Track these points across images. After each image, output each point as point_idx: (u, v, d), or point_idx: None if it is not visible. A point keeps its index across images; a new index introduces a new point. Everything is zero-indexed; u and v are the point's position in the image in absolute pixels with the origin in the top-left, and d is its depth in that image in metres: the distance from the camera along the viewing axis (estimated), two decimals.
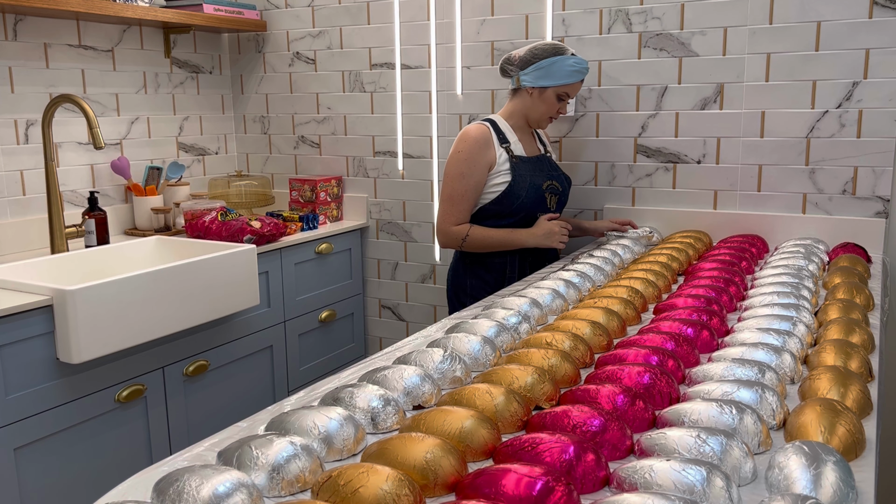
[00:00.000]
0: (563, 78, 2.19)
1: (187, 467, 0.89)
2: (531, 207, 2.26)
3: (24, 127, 2.51)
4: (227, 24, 2.98)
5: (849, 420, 1.00)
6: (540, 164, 2.32)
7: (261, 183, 3.12)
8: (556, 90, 2.22)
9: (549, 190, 2.29)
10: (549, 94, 2.22)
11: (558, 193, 2.32)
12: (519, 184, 2.24)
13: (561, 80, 2.20)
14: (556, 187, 2.31)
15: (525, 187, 2.24)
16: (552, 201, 2.31)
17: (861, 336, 1.37)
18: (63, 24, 2.61)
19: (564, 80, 2.20)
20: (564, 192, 2.36)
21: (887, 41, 2.16)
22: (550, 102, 2.24)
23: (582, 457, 0.92)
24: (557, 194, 2.32)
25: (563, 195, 2.36)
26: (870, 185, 2.25)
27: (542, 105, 2.24)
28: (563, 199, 2.37)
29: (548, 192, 2.29)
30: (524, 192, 2.24)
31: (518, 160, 2.26)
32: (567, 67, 2.19)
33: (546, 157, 2.38)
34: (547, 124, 2.33)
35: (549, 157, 2.39)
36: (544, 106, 2.24)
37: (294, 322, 2.78)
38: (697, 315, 1.52)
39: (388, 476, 0.85)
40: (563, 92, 2.23)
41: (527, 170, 2.27)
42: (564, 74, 2.19)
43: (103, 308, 1.92)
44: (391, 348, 1.51)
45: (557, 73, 2.19)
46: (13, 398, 1.84)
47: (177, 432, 2.29)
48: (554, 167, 2.37)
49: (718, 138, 2.43)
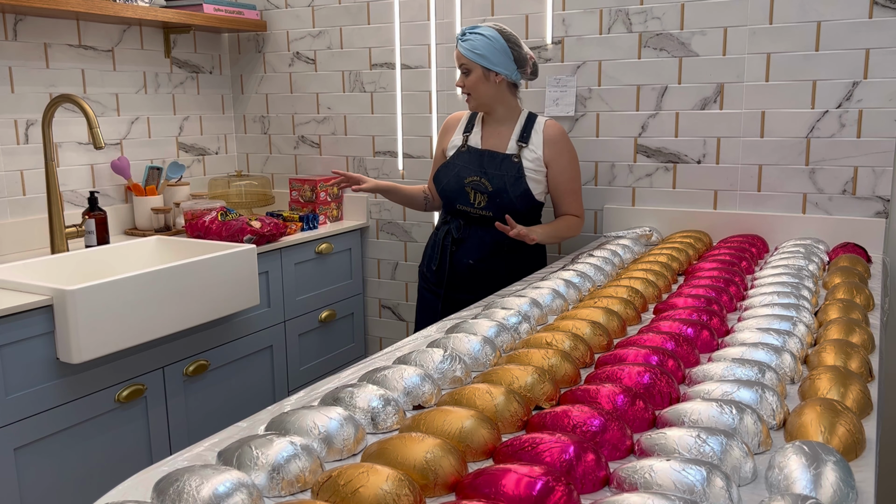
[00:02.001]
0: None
1: (187, 467, 0.89)
2: (450, 197, 2.34)
3: (24, 127, 2.51)
4: (227, 24, 2.98)
5: (849, 420, 1.00)
6: (480, 159, 2.30)
7: (261, 183, 3.11)
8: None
9: (473, 186, 2.29)
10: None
11: (486, 192, 2.27)
12: (444, 171, 2.36)
13: None
14: (484, 185, 2.27)
15: (449, 175, 2.34)
16: (478, 199, 2.29)
17: (861, 336, 1.37)
18: (63, 24, 2.61)
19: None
20: (498, 194, 2.26)
21: (887, 41, 2.16)
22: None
23: (582, 457, 0.92)
24: (485, 193, 2.27)
25: (497, 197, 2.26)
26: (870, 185, 2.25)
27: None
28: (501, 201, 2.27)
29: (470, 187, 2.30)
30: (445, 181, 2.35)
31: (465, 150, 2.35)
32: None
33: (499, 155, 2.29)
34: (467, 103, 2.31)
35: (504, 156, 2.28)
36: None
37: (294, 322, 2.78)
38: (697, 315, 1.52)
39: (388, 476, 0.85)
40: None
41: (462, 160, 2.33)
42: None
43: (103, 308, 1.92)
44: (391, 348, 1.51)
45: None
46: (13, 398, 1.84)
47: (177, 432, 2.29)
48: (500, 167, 2.27)
49: (718, 138, 2.43)
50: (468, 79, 2.25)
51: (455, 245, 2.35)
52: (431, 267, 2.41)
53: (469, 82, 2.25)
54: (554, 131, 2.30)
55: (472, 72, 2.24)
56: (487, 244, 2.31)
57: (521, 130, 2.30)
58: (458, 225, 2.34)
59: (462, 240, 2.33)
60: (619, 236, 2.46)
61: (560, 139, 2.30)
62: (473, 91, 2.27)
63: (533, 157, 2.28)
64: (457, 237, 2.34)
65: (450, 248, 2.35)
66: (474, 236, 2.32)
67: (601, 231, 2.66)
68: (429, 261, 2.43)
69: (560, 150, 2.29)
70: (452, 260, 2.35)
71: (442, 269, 2.38)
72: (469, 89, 2.27)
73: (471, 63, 2.23)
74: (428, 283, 2.45)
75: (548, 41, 2.63)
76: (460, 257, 2.34)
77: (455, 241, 2.35)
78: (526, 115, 2.33)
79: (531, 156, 2.28)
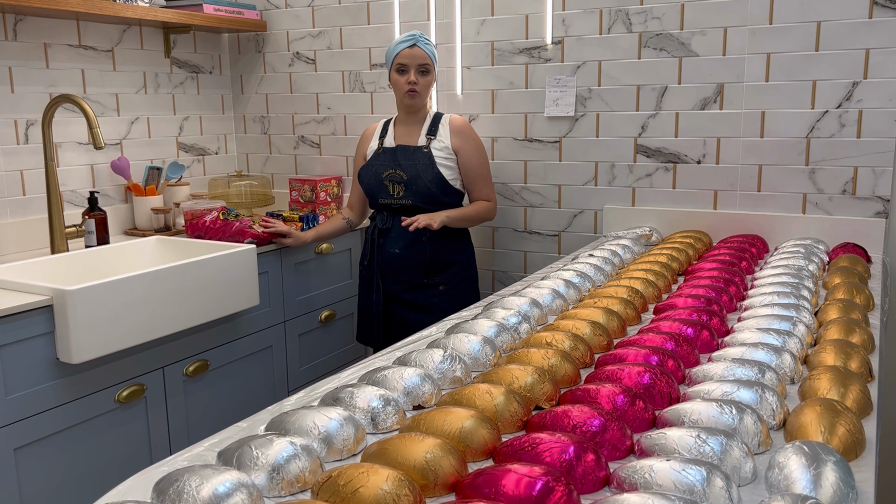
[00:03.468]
0: (391, 56, 2.40)
1: (187, 467, 0.89)
2: (373, 193, 2.49)
3: (24, 127, 2.51)
4: (227, 24, 2.98)
5: (849, 420, 1.00)
6: (394, 154, 2.46)
7: (261, 183, 3.11)
8: (393, 68, 2.40)
9: (390, 178, 2.44)
10: (392, 75, 2.42)
11: (402, 182, 2.42)
12: (365, 170, 2.51)
13: (390, 58, 2.40)
14: (400, 176, 2.42)
15: (369, 174, 2.49)
16: (396, 189, 2.44)
17: (861, 336, 1.37)
18: (63, 24, 2.61)
19: (392, 56, 2.40)
20: (413, 181, 2.41)
21: (887, 41, 2.16)
22: (395, 80, 2.41)
23: (582, 457, 0.92)
24: (401, 183, 2.42)
25: (413, 184, 2.41)
26: (870, 185, 2.25)
27: (394, 87, 2.43)
28: (417, 188, 2.41)
29: (388, 180, 2.44)
30: (366, 179, 2.50)
31: (380, 150, 2.50)
32: (391, 46, 2.41)
33: (410, 147, 2.45)
34: (411, 99, 2.40)
35: (415, 148, 2.44)
36: (394, 87, 2.43)
37: (294, 322, 2.78)
38: (697, 315, 1.52)
39: (388, 476, 0.85)
40: (397, 65, 2.39)
41: (379, 159, 2.48)
42: (390, 52, 2.41)
43: (103, 308, 1.92)
44: (391, 348, 1.51)
45: (387, 56, 2.42)
46: (13, 398, 1.84)
47: (177, 432, 2.29)
48: (412, 157, 2.43)
49: (718, 138, 2.43)
50: (425, 78, 2.41)
51: (381, 237, 2.48)
52: (363, 262, 2.56)
53: (425, 82, 2.42)
54: (459, 122, 2.49)
55: (429, 73, 2.41)
56: (409, 232, 2.42)
57: (429, 126, 2.48)
58: (382, 218, 2.48)
59: (387, 230, 2.47)
60: (619, 236, 2.46)
61: (465, 128, 2.48)
62: (424, 90, 2.42)
63: (441, 146, 2.44)
64: (382, 228, 2.47)
65: (377, 240, 2.49)
66: (397, 226, 2.44)
67: (601, 231, 2.66)
68: (362, 258, 2.58)
69: (465, 138, 2.46)
70: (381, 252, 2.48)
71: (373, 261, 2.51)
72: (422, 88, 2.41)
73: (431, 64, 2.41)
74: (363, 277, 2.59)
75: (548, 41, 2.63)
76: (387, 248, 2.47)
77: (381, 232, 2.48)
78: (433, 113, 2.50)
79: (440, 145, 2.44)
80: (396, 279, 2.47)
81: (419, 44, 2.37)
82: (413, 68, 2.37)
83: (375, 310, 2.53)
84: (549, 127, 2.67)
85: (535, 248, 2.79)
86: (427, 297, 2.45)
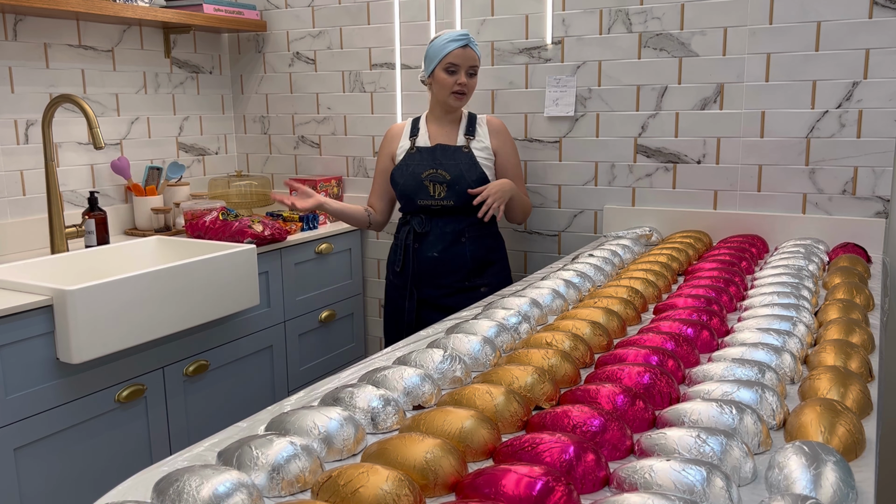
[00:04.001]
0: (439, 53, 2.31)
1: (187, 467, 0.89)
2: (410, 194, 2.39)
3: (24, 127, 2.51)
4: (227, 24, 2.98)
5: (849, 420, 1.00)
6: (433, 153, 2.38)
7: (261, 183, 3.11)
8: (441, 67, 2.32)
9: (431, 178, 2.36)
10: (438, 73, 2.33)
11: (444, 182, 2.35)
12: (400, 171, 2.41)
13: (439, 56, 2.31)
14: (442, 176, 2.35)
15: (405, 175, 2.39)
16: (437, 190, 2.36)
17: (861, 336, 1.37)
18: (63, 24, 2.61)
19: (441, 54, 2.31)
20: (457, 181, 2.34)
21: (887, 41, 2.16)
22: (442, 80, 2.32)
23: (582, 457, 0.92)
24: (443, 183, 2.35)
25: (456, 184, 2.34)
26: (870, 185, 2.25)
27: (438, 86, 2.35)
28: (460, 188, 2.34)
29: (428, 180, 2.36)
30: (403, 180, 2.40)
31: (415, 150, 2.41)
32: (440, 43, 2.32)
33: (451, 147, 2.38)
34: (458, 101, 2.35)
35: (455, 148, 2.38)
36: (440, 86, 2.34)
37: (294, 322, 2.78)
38: (697, 315, 1.52)
39: (388, 476, 0.85)
40: (447, 64, 2.30)
41: (415, 159, 2.40)
42: (439, 49, 2.31)
43: (103, 308, 1.92)
44: (391, 348, 1.51)
45: (434, 53, 2.33)
46: (13, 398, 1.84)
47: (177, 432, 2.29)
48: (453, 157, 2.37)
49: (718, 138, 2.43)
50: (473, 81, 2.36)
51: (417, 241, 2.40)
52: (395, 269, 2.45)
53: (473, 84, 2.37)
54: (497, 123, 2.46)
55: (476, 75, 2.36)
56: (449, 234, 2.37)
57: (466, 126, 2.43)
58: (419, 221, 2.39)
59: (425, 234, 2.39)
60: (619, 236, 2.46)
61: (503, 129, 2.46)
62: (471, 92, 2.37)
63: (481, 146, 2.40)
64: (420, 231, 2.38)
65: (412, 245, 2.40)
66: (436, 229, 2.38)
67: (601, 231, 2.66)
68: (392, 265, 2.47)
69: (504, 139, 2.44)
70: (417, 257, 2.40)
71: (407, 267, 2.42)
72: (470, 89, 2.36)
73: (478, 66, 2.36)
74: (393, 285, 2.49)
75: (548, 41, 2.63)
76: (424, 252, 2.39)
77: (417, 236, 2.40)
78: (468, 114, 2.46)
79: (479, 146, 2.40)
80: (435, 284, 2.39)
81: (471, 45, 2.31)
82: (464, 69, 2.31)
83: (408, 318, 2.43)
84: (549, 127, 2.67)
85: (535, 248, 2.79)
86: (469, 301, 2.33)
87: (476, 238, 2.39)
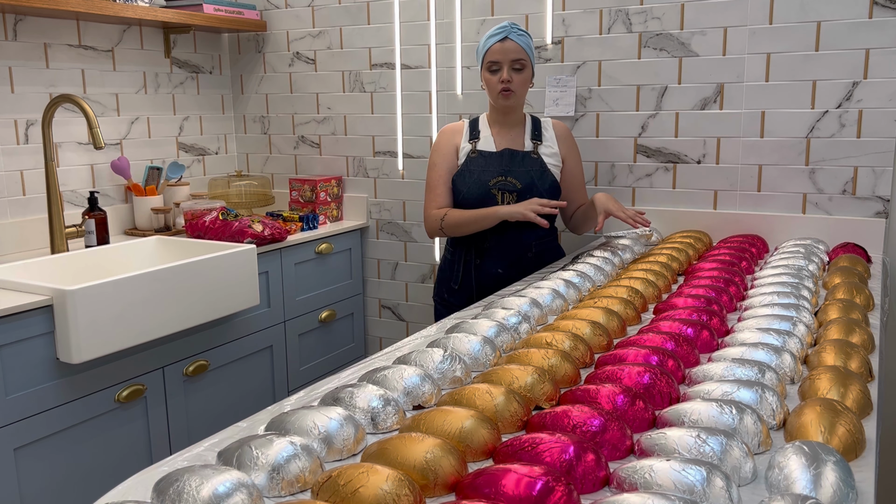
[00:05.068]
0: (481, 53, 2.20)
1: (187, 467, 0.89)
2: (476, 203, 2.21)
3: (24, 127, 2.51)
4: (227, 24, 2.98)
5: (849, 420, 1.00)
6: (500, 159, 2.22)
7: (261, 183, 3.11)
8: (484, 67, 2.20)
9: (499, 187, 2.20)
10: (483, 73, 2.21)
11: (515, 191, 2.19)
12: (462, 178, 2.24)
13: (481, 55, 2.20)
14: (513, 184, 2.19)
15: (468, 183, 2.22)
16: (507, 199, 2.20)
17: (861, 336, 1.37)
18: (63, 24, 2.61)
19: (482, 53, 2.19)
20: (528, 190, 2.20)
21: (887, 41, 2.16)
22: (487, 79, 2.20)
23: (582, 457, 0.92)
24: (514, 192, 2.19)
25: (528, 193, 2.20)
26: (870, 185, 2.25)
27: (487, 88, 2.22)
28: (530, 196, 2.19)
29: (497, 188, 2.20)
30: (466, 188, 2.22)
31: (477, 154, 2.24)
32: (481, 41, 2.20)
33: (520, 153, 2.23)
34: (506, 100, 2.18)
35: (524, 153, 2.24)
36: (487, 88, 2.22)
37: (294, 322, 2.78)
38: (697, 315, 1.52)
39: (388, 476, 0.85)
40: (489, 62, 2.17)
41: (479, 165, 2.23)
42: (481, 49, 2.20)
43: (103, 308, 1.92)
44: (391, 348, 1.51)
45: (479, 52, 2.21)
46: (13, 398, 1.84)
47: (177, 432, 2.29)
48: (523, 163, 2.22)
49: (718, 138, 2.43)
50: (521, 75, 2.18)
51: (479, 256, 2.23)
52: (453, 287, 2.27)
53: (521, 79, 2.18)
54: (563, 128, 2.36)
55: (525, 68, 2.18)
56: (516, 248, 2.22)
57: (532, 130, 2.29)
58: (482, 234, 2.21)
59: (488, 248, 2.21)
60: (619, 236, 2.46)
61: (570, 135, 2.36)
62: (520, 89, 2.19)
63: (550, 152, 2.28)
64: (485, 247, 2.21)
65: (473, 261, 2.23)
66: (500, 243, 2.21)
67: (601, 231, 2.65)
68: (448, 284, 2.28)
69: (572, 145, 2.34)
70: (478, 273, 2.23)
71: (467, 286, 2.24)
72: (518, 86, 2.18)
73: (527, 59, 2.17)
74: (447, 304, 2.31)
75: (548, 41, 2.63)
76: (488, 268, 2.22)
77: (479, 251, 2.22)
78: (531, 118, 2.33)
79: (548, 151, 2.28)
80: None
81: (512, 35, 2.13)
82: (506, 65, 2.14)
83: None
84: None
85: None
86: None
87: (541, 253, 2.26)
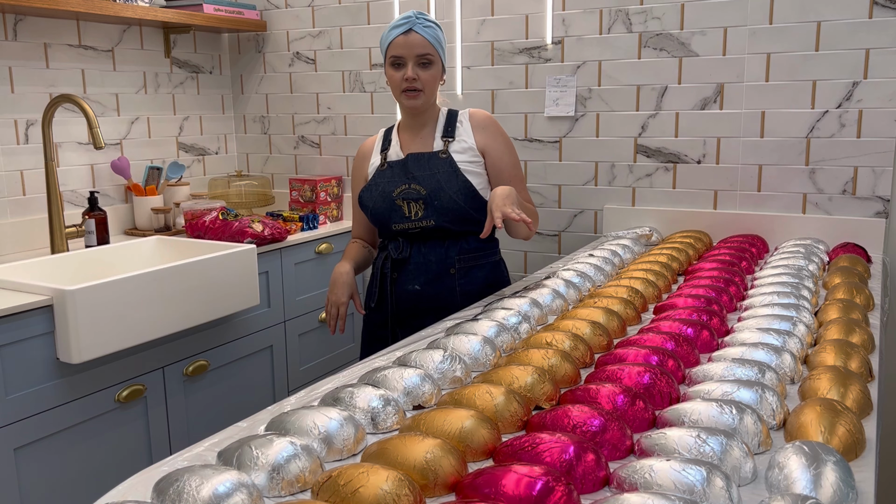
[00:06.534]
0: (384, 45, 1.91)
1: (187, 467, 0.89)
2: (382, 218, 1.95)
3: (24, 127, 2.51)
4: (227, 24, 2.98)
5: (849, 420, 1.00)
6: (404, 166, 1.94)
7: (261, 183, 3.11)
8: (387, 63, 1.91)
9: (403, 196, 1.91)
10: (386, 69, 1.91)
11: (420, 199, 1.90)
12: (370, 193, 1.98)
13: (384, 47, 1.91)
14: (416, 191, 1.90)
15: (374, 197, 1.96)
16: (413, 209, 1.91)
17: (861, 336, 1.37)
18: (63, 24, 2.61)
19: (385, 45, 1.90)
20: (435, 195, 1.90)
21: (887, 41, 2.16)
22: (391, 77, 1.90)
23: (582, 457, 0.92)
24: (419, 200, 1.90)
25: (435, 199, 1.90)
26: (870, 185, 2.25)
27: (390, 85, 1.93)
28: (440, 203, 1.90)
29: (401, 198, 1.91)
30: (371, 203, 1.96)
31: (385, 166, 1.98)
32: (385, 32, 1.91)
33: (425, 155, 1.94)
34: (410, 101, 1.89)
35: (431, 155, 1.94)
36: (391, 84, 1.92)
37: (294, 322, 2.78)
38: (697, 315, 1.52)
39: (388, 476, 0.85)
40: (391, 57, 1.88)
41: (385, 177, 1.96)
42: (383, 41, 1.91)
43: (103, 308, 1.92)
44: (391, 348, 1.51)
45: (382, 44, 1.93)
46: (13, 398, 1.84)
47: (177, 432, 2.29)
48: (428, 167, 1.93)
49: (718, 138, 2.43)
50: (428, 72, 1.88)
51: (395, 270, 1.96)
52: (370, 304, 2.01)
53: (429, 76, 1.88)
54: (481, 115, 1.99)
55: (433, 64, 1.88)
56: (434, 263, 1.94)
57: (444, 127, 1.97)
58: (397, 246, 1.95)
59: (403, 261, 1.95)
60: (619, 236, 2.46)
61: (490, 122, 1.98)
62: (428, 87, 1.90)
63: (464, 147, 1.94)
64: (396, 258, 1.95)
65: (389, 275, 1.96)
66: (417, 256, 1.94)
67: (601, 231, 2.66)
68: (367, 299, 2.03)
69: (493, 134, 1.97)
70: (395, 289, 1.97)
71: (384, 302, 1.98)
72: (426, 84, 1.88)
73: (435, 53, 1.88)
74: (370, 325, 2.06)
75: (548, 41, 2.63)
76: (404, 284, 1.95)
77: (395, 264, 1.96)
78: (447, 111, 2.00)
79: (461, 146, 1.94)
80: (417, 323, 1.88)
81: (417, 27, 1.84)
82: (410, 60, 1.85)
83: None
84: (549, 127, 2.67)
85: (535, 248, 2.79)
86: None
87: (468, 269, 1.96)
